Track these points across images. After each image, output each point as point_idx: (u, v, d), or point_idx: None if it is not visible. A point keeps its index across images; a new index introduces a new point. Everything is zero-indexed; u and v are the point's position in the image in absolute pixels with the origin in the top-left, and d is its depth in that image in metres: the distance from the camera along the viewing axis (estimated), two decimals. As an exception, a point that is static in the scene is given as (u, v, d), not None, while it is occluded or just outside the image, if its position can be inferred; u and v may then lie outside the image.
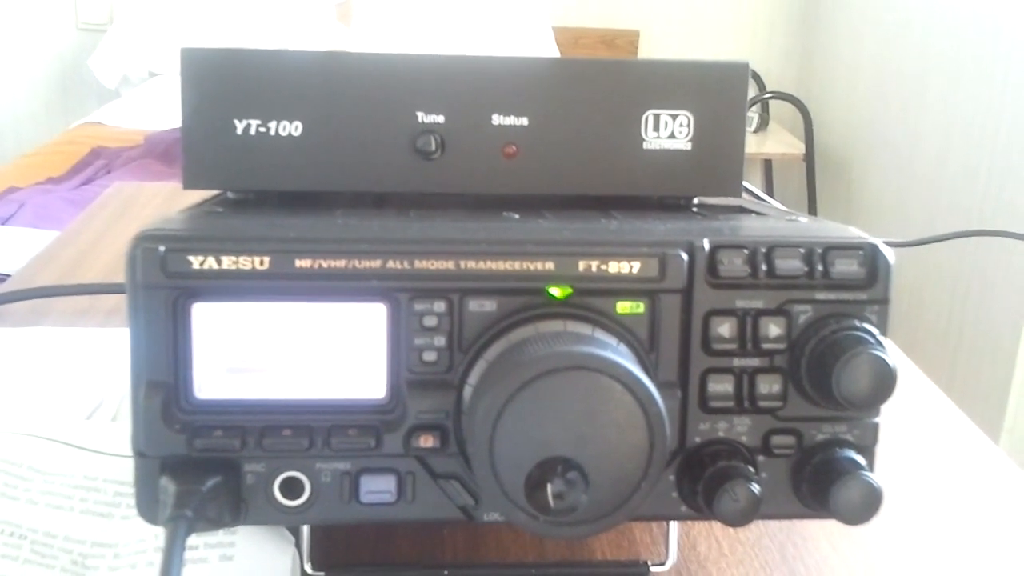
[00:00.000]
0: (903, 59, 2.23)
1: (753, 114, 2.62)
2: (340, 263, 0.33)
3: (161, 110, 2.20)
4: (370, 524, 0.44)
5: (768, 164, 2.78)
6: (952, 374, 1.92)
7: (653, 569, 0.43)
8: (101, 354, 0.63)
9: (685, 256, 0.34)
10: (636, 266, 0.34)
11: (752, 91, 2.64)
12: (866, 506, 0.34)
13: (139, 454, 0.33)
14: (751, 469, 0.34)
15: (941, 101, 2.04)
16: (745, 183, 0.45)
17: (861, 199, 2.46)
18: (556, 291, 0.34)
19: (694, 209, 0.44)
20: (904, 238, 0.69)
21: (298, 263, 0.33)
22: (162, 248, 0.32)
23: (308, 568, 0.42)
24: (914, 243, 0.76)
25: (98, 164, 1.86)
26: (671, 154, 0.42)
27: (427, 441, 0.34)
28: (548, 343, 0.31)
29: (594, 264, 0.34)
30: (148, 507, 0.34)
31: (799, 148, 2.58)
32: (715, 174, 0.42)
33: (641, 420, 0.31)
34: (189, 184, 0.40)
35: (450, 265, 0.33)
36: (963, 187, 1.93)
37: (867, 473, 0.34)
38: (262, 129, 0.40)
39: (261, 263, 0.33)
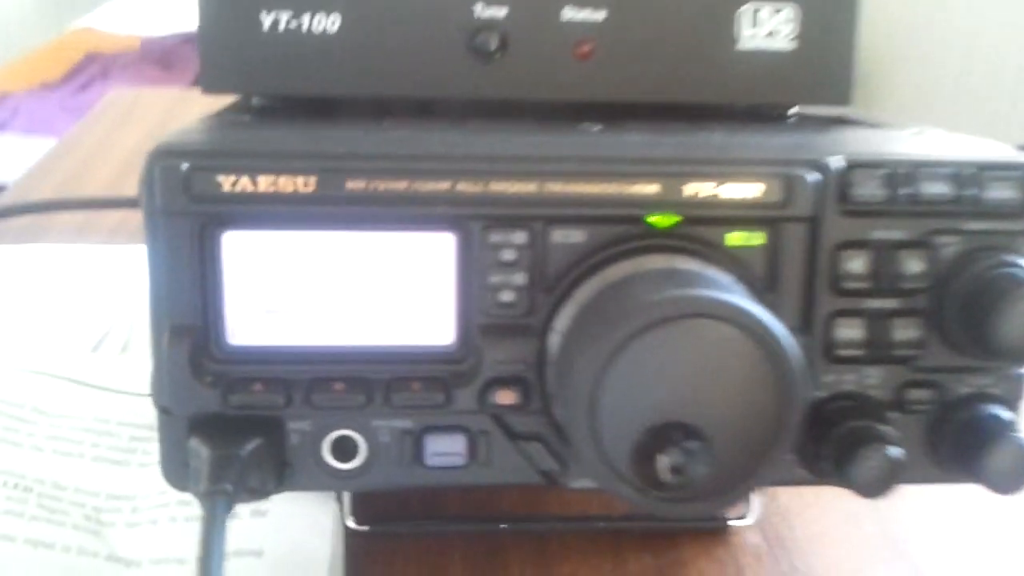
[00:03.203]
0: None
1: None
2: (401, 185, 0.27)
3: (156, 14, 2.11)
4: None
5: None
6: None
7: (732, 523, 0.39)
8: (106, 274, 0.58)
9: (815, 177, 0.28)
10: (758, 189, 0.28)
11: None
12: (1019, 472, 0.29)
13: (163, 411, 0.28)
14: (885, 428, 0.29)
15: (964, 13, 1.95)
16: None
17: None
18: (659, 219, 0.28)
19: (790, 120, 0.38)
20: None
21: (349, 184, 0.27)
22: (185, 165, 0.26)
23: (351, 523, 0.37)
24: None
25: (93, 70, 1.78)
26: (770, 55, 0.36)
27: (506, 397, 0.28)
28: (657, 285, 0.26)
29: (706, 187, 0.28)
30: (175, 471, 0.29)
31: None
32: (822, 79, 0.36)
33: (773, 377, 0.26)
34: (209, 87, 0.34)
35: (532, 188, 0.27)
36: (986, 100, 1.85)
37: (1018, 434, 0.29)
38: (293, 23, 0.34)
39: (305, 184, 0.27)
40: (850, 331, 0.30)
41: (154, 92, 1.00)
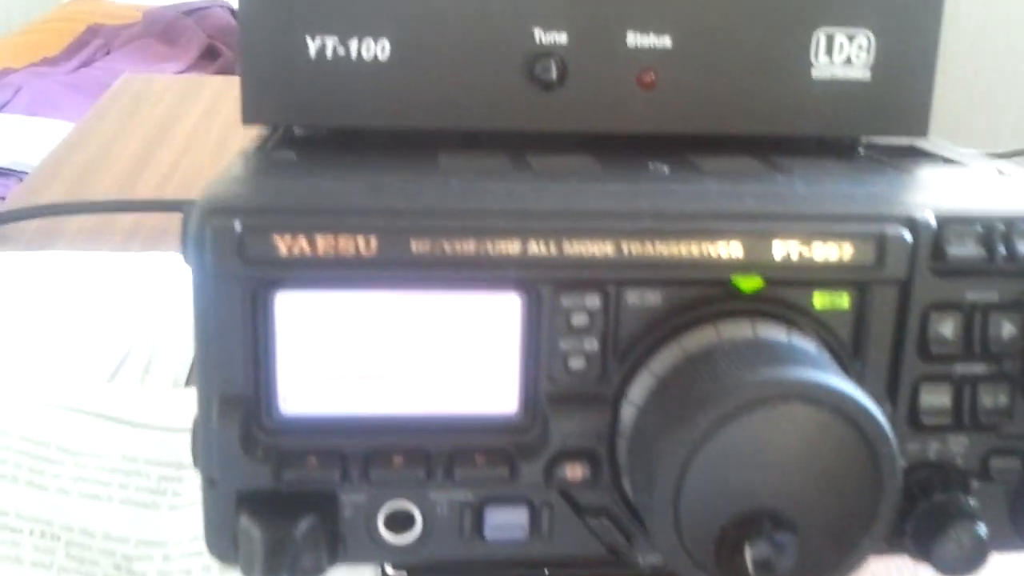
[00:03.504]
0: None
1: None
2: (469, 246, 0.25)
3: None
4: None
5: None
6: None
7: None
8: (123, 285, 0.56)
9: (908, 236, 0.26)
10: (847, 250, 0.26)
11: None
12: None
13: (210, 481, 0.26)
14: (972, 503, 0.28)
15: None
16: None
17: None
18: (744, 282, 0.26)
19: (860, 151, 0.36)
20: None
21: (415, 246, 0.25)
22: (238, 226, 0.24)
23: (389, 569, 0.35)
24: None
25: (96, 43, 1.74)
26: (846, 85, 0.33)
27: (575, 472, 0.26)
28: (746, 361, 0.24)
29: (794, 248, 0.26)
30: (221, 545, 0.27)
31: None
32: (898, 110, 0.34)
33: (869, 465, 0.24)
34: (250, 118, 0.32)
35: (609, 250, 0.25)
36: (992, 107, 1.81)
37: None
38: (341, 50, 0.32)
39: (367, 246, 0.25)
40: (936, 397, 0.28)
41: (164, 79, 0.97)
